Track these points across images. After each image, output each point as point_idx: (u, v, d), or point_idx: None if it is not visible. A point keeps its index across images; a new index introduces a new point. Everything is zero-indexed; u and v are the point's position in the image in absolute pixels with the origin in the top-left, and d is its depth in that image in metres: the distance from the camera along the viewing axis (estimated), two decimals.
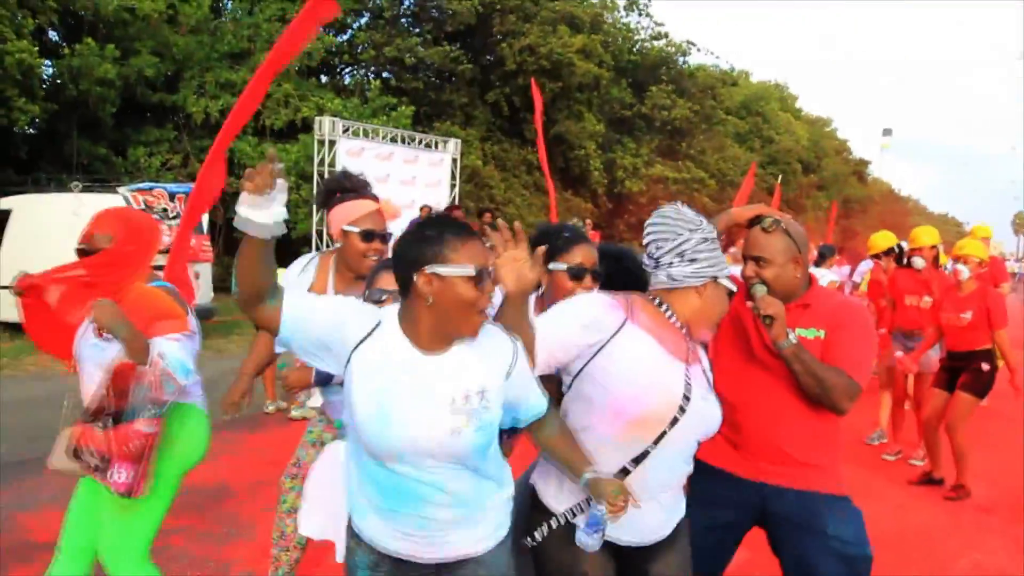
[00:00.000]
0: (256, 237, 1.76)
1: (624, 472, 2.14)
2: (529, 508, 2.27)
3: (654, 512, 2.21)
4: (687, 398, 2.14)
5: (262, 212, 1.74)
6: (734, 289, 2.26)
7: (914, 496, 5.42)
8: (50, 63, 13.34)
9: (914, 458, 6.21)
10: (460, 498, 1.96)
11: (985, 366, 5.36)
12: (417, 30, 18.79)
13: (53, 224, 9.59)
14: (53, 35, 14.35)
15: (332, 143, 13.12)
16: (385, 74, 19.11)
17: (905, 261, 6.62)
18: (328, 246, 13.26)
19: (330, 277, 3.02)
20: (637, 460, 2.15)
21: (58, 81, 13.38)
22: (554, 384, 2.25)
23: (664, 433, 2.13)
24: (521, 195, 18.26)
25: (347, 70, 20.01)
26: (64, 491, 2.89)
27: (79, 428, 2.54)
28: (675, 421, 2.13)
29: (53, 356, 2.99)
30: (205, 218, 10.73)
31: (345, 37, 18.99)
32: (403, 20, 19.02)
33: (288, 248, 16.08)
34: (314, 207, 13.39)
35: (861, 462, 6.20)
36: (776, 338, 2.43)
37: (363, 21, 19.06)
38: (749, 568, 4.04)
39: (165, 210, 10.08)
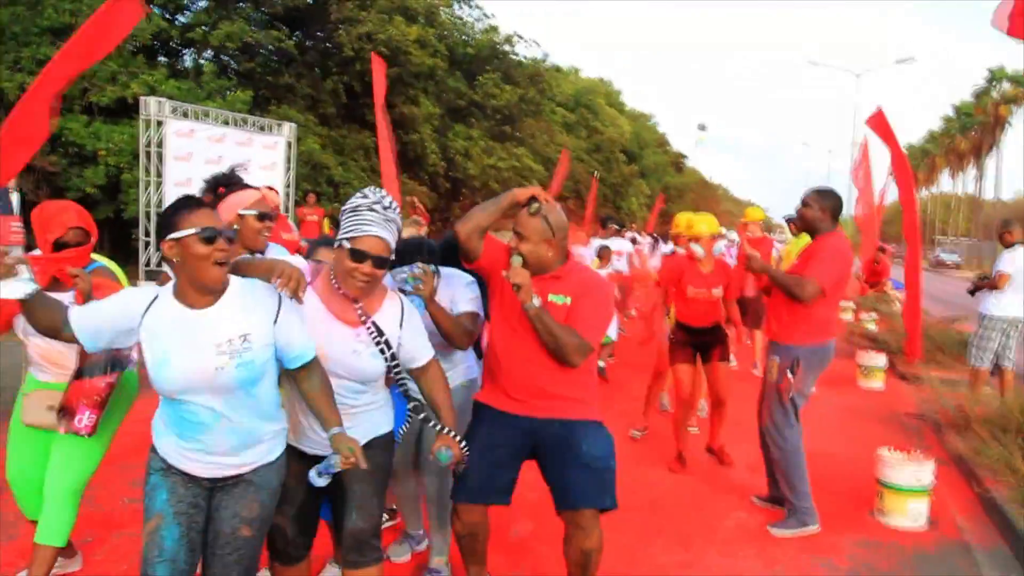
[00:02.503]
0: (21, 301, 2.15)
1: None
2: None
3: None
4: (352, 352, 2.48)
5: (10, 288, 2.11)
6: (345, 247, 2.45)
7: (689, 460, 5.38)
8: None
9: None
10: (236, 428, 2.27)
11: (725, 334, 5.39)
12: (256, 16, 17.72)
13: None
14: None
15: (160, 123, 12.14)
16: (224, 57, 17.95)
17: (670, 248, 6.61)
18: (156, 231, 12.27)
19: None
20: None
21: None
22: None
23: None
24: (359, 177, 17.64)
25: (186, 52, 18.61)
26: None
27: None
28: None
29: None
30: (16, 198, 9.59)
31: (184, 19, 17.63)
32: (241, 4, 17.86)
33: (121, 230, 14.93)
34: (141, 189, 12.42)
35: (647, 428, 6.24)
36: (522, 301, 2.77)
37: (202, 4, 17.77)
38: (531, 541, 3.97)
39: None
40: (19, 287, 2.11)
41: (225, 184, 3.25)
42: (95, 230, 3.20)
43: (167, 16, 16.81)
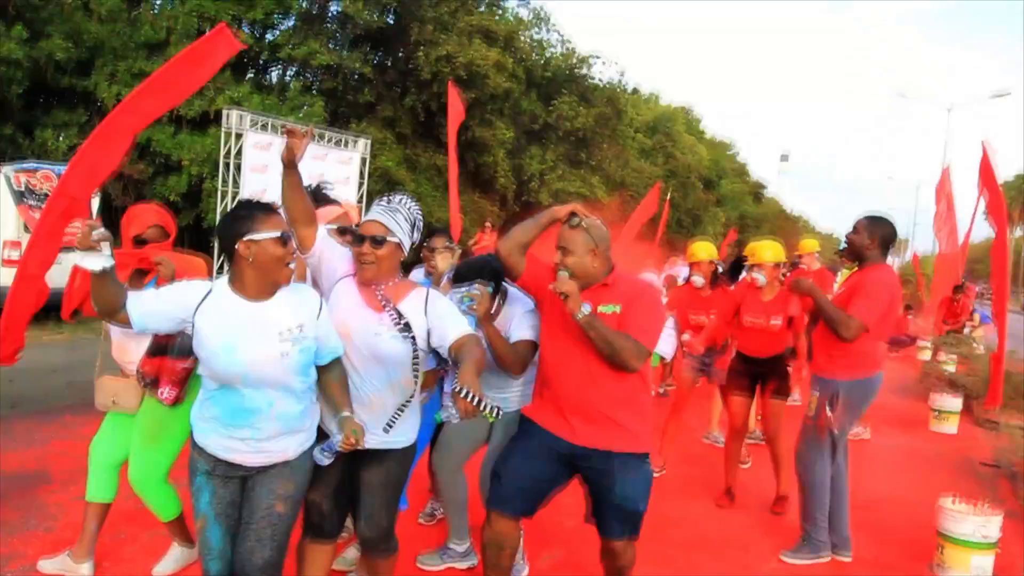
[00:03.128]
0: (97, 274, 2.28)
1: None
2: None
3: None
4: (375, 335, 2.64)
5: (91, 260, 2.25)
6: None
7: (738, 496, 5.17)
8: None
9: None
10: (283, 414, 2.45)
11: (788, 368, 5.13)
12: (340, 35, 18.18)
13: None
14: None
15: (239, 135, 12.54)
16: (307, 75, 18.47)
17: (685, 279, 6.44)
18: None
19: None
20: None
21: None
22: None
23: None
24: (431, 196, 17.84)
25: (273, 68, 19.22)
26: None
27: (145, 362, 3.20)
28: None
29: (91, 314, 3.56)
30: (95, 202, 9.99)
31: (272, 37, 18.22)
32: (327, 25, 18.36)
33: (200, 236, 15.44)
34: (219, 198, 12.81)
35: (691, 461, 6.03)
36: (571, 311, 2.76)
37: (291, 24, 18.32)
38: (564, 567, 3.85)
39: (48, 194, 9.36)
40: (98, 260, 2.28)
41: (312, 198, 3.44)
42: (174, 230, 3.44)
43: (255, 34, 17.40)
